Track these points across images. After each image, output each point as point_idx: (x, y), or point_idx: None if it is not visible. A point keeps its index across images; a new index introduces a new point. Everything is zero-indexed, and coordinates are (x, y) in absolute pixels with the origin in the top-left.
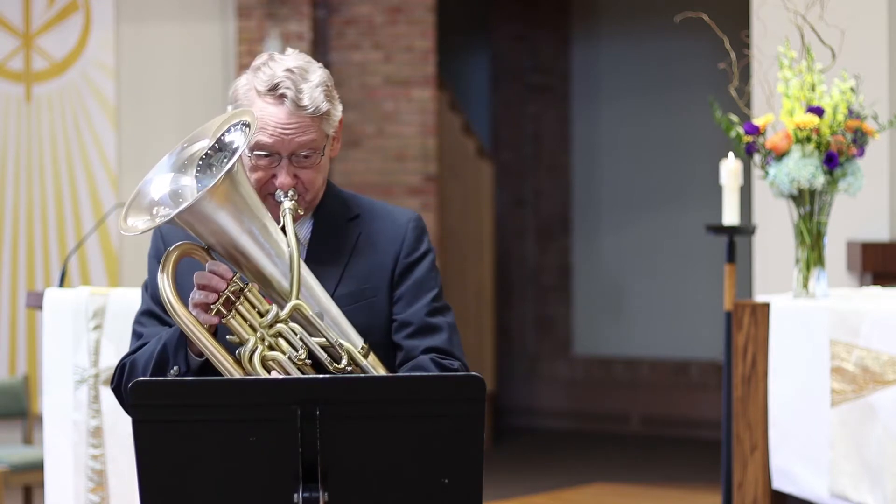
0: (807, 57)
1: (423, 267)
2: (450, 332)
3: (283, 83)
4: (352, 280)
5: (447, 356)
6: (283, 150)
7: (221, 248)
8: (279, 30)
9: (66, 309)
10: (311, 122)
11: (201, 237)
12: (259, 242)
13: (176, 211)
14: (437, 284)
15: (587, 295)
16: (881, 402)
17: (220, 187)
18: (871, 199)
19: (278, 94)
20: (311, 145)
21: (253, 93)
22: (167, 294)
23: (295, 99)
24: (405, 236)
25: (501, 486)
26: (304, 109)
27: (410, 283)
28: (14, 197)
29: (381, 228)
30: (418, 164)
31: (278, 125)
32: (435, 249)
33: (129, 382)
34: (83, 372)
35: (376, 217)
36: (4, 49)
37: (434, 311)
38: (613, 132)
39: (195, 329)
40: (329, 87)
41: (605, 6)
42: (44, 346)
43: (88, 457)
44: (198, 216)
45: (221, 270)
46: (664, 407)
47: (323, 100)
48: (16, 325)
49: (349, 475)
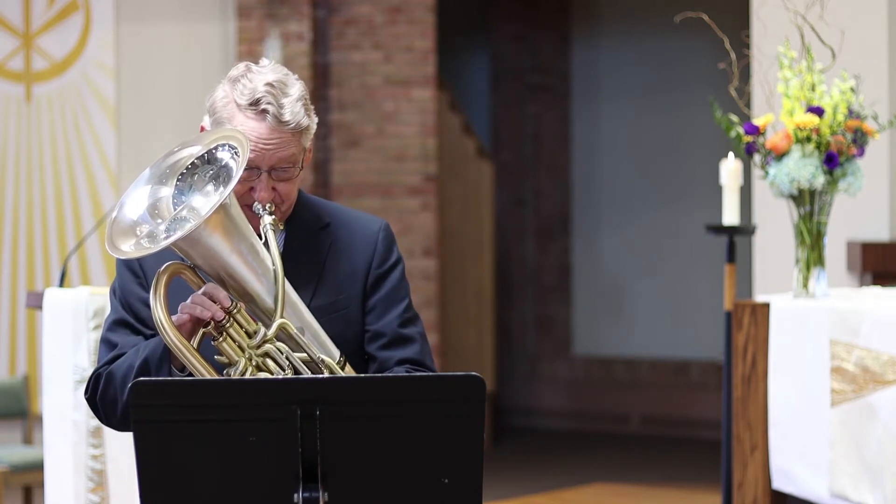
0: (807, 57)
1: (394, 277)
2: (421, 342)
3: (265, 98)
4: (325, 292)
5: (420, 367)
6: (263, 165)
7: (209, 268)
8: (279, 30)
9: (66, 309)
10: (292, 137)
11: (190, 259)
12: (247, 262)
13: (170, 240)
14: (407, 294)
15: (587, 295)
16: (881, 402)
17: (214, 214)
18: (871, 199)
19: (260, 109)
20: (291, 159)
21: (233, 105)
22: (160, 316)
23: (277, 114)
24: (376, 246)
25: (501, 486)
26: (286, 125)
27: (383, 294)
28: (14, 197)
29: (352, 237)
30: (418, 164)
31: (259, 140)
32: (404, 258)
33: (106, 394)
34: (83, 372)
35: (345, 225)
36: (4, 49)
37: (406, 322)
38: (613, 132)
39: (186, 352)
40: (307, 101)
41: (605, 6)
42: (44, 346)
43: (88, 457)
44: (190, 242)
45: (221, 297)
46: (664, 407)
47: (303, 115)
48: (16, 325)
49: (349, 475)
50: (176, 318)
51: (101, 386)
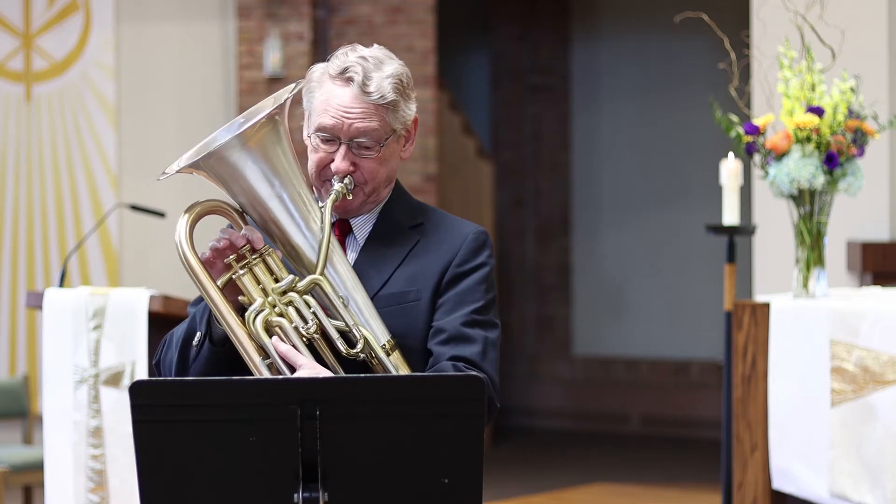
0: (807, 57)
1: (472, 279)
2: (485, 345)
3: (353, 68)
4: (399, 281)
5: (474, 368)
6: (342, 135)
7: (252, 209)
8: (279, 30)
9: (66, 309)
10: (375, 110)
11: (232, 194)
12: (289, 211)
13: (207, 151)
14: (483, 298)
15: (587, 295)
16: (881, 402)
17: (257, 134)
18: (871, 199)
19: (346, 76)
20: (372, 134)
21: (325, 76)
22: (181, 235)
23: (361, 83)
24: (461, 247)
25: (501, 486)
26: (369, 95)
27: (455, 293)
28: (14, 197)
29: (441, 238)
30: (418, 164)
31: (340, 107)
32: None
33: (164, 356)
34: (83, 372)
35: (440, 228)
36: (4, 49)
37: (472, 323)
38: (613, 132)
39: (203, 278)
40: (402, 83)
41: (605, 6)
42: (44, 346)
43: (88, 457)
44: (227, 163)
45: (254, 238)
46: (664, 407)
47: (391, 90)
48: (16, 325)
49: (349, 475)
50: (202, 253)
51: (163, 349)
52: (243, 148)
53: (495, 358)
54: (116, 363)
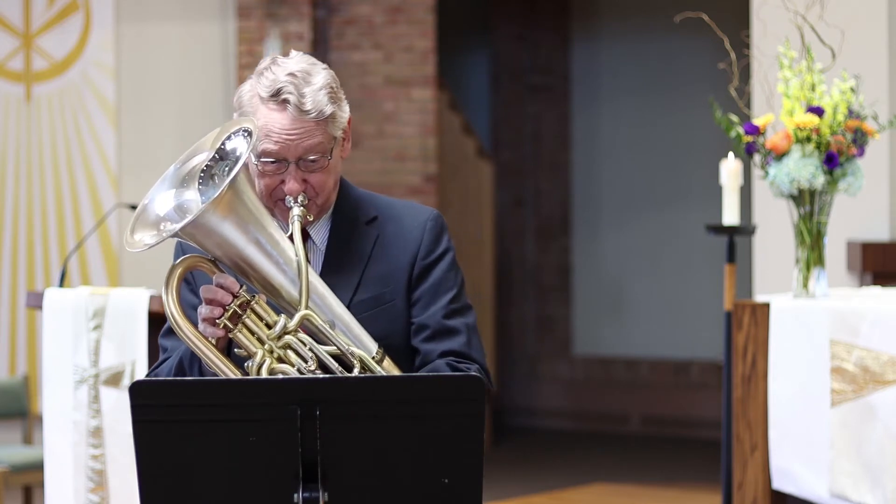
0: (807, 57)
1: (441, 267)
2: (468, 333)
3: (286, 88)
4: (370, 285)
5: (464, 359)
6: (289, 156)
7: (228, 259)
8: (279, 30)
9: (66, 309)
10: (316, 126)
11: (207, 250)
12: (266, 252)
13: (179, 225)
14: (455, 284)
15: (587, 295)
16: (881, 402)
17: (224, 198)
18: (871, 199)
19: (280, 99)
20: (318, 149)
21: (256, 99)
22: (171, 310)
23: (297, 104)
24: (423, 237)
25: (501, 486)
26: (308, 114)
27: (428, 285)
28: (14, 197)
29: (399, 230)
30: (418, 164)
31: (283, 131)
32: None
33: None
34: (83, 372)
35: (394, 218)
36: (4, 49)
37: (452, 313)
38: (613, 132)
39: (200, 345)
40: (333, 89)
41: (605, 6)
42: (44, 346)
43: (88, 457)
44: (202, 229)
45: (228, 283)
46: (664, 407)
47: (326, 102)
48: (16, 325)
49: (349, 475)
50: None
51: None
52: (214, 212)
53: (479, 342)
54: (116, 363)
